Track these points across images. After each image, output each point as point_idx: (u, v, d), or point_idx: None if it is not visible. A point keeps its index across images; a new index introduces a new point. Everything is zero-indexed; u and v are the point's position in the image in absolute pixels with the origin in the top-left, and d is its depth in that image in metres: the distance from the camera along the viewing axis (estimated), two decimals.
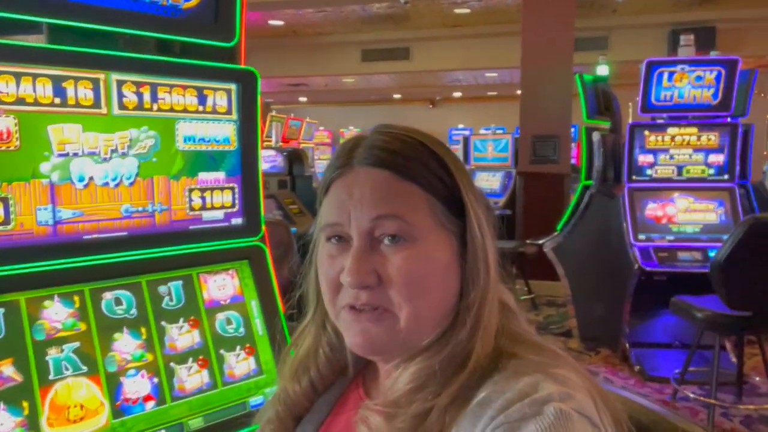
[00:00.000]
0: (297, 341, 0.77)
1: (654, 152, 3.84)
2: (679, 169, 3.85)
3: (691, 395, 3.21)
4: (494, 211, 0.69)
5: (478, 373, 0.58)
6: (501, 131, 12.59)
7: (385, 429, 0.58)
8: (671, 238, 3.71)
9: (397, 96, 15.00)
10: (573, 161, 6.50)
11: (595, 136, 3.78)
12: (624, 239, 3.69)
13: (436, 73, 11.15)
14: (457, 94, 14.61)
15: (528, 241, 4.96)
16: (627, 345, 3.76)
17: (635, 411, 0.66)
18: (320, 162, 14.66)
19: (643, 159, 3.83)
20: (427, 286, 0.62)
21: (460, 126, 13.98)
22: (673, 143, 3.84)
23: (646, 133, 3.83)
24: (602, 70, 4.29)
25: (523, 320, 0.66)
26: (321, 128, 14.40)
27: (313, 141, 12.78)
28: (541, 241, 4.19)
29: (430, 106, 15.59)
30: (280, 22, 8.96)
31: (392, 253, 0.62)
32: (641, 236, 3.68)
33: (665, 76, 3.81)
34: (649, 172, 3.84)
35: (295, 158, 6.28)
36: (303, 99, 15.28)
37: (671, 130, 3.86)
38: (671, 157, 3.85)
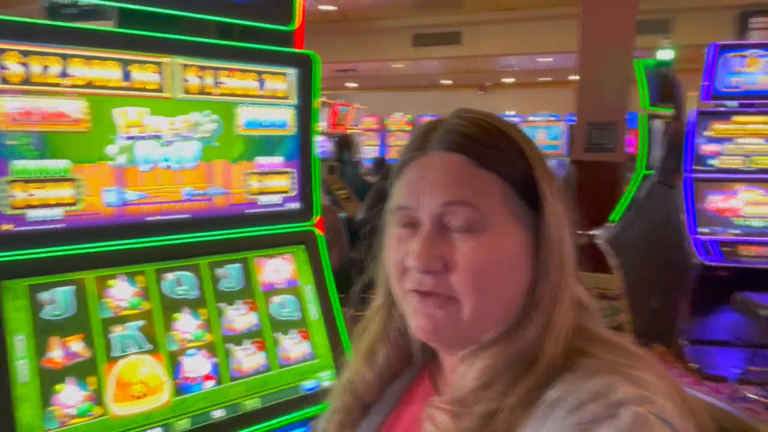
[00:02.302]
0: (367, 326, 0.76)
1: (719, 141, 3.65)
2: (746, 159, 3.64)
3: (752, 396, 3.07)
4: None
5: (548, 373, 0.56)
6: (554, 118, 12.28)
7: (451, 428, 0.57)
8: (735, 231, 3.52)
9: (446, 82, 14.81)
10: (628, 149, 6.26)
11: (657, 124, 3.62)
12: (683, 232, 3.53)
13: (487, 58, 10.94)
14: (509, 80, 14.30)
15: (579, 232, 4.82)
16: (683, 342, 3.62)
17: (721, 419, 0.62)
18: (367, 148, 14.67)
19: (707, 148, 3.65)
20: (494, 276, 0.60)
21: (511, 113, 13.70)
22: (741, 132, 3.63)
23: (712, 121, 3.64)
24: (666, 55, 4.08)
25: (600, 320, 0.63)
26: (368, 114, 14.39)
27: (360, 127, 12.79)
28: (593, 232, 4.06)
29: (480, 92, 15.33)
30: (331, 7, 8.96)
31: (461, 240, 0.60)
32: (703, 229, 3.51)
33: (734, 61, 3.60)
34: (713, 162, 3.66)
35: (345, 144, 6.32)
36: (352, 84, 15.29)
37: (739, 118, 3.65)
38: (738, 147, 3.65)
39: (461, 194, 0.60)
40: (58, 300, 1.03)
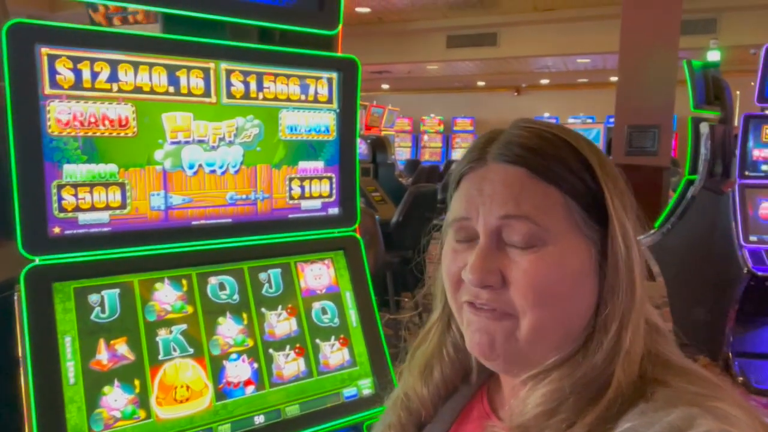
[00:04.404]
0: (423, 340, 0.74)
1: None
2: None
3: None
4: (645, 219, 0.63)
5: (618, 402, 0.52)
6: (591, 120, 12.04)
7: None
8: None
9: (481, 83, 14.68)
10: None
11: (704, 128, 3.49)
12: (732, 240, 3.40)
13: (523, 60, 10.79)
14: (545, 81, 14.08)
15: None
16: (730, 354, 3.49)
17: None
18: (400, 150, 14.68)
19: (759, 153, 3.50)
20: (555, 293, 0.57)
21: (546, 115, 13.50)
22: None
23: (764, 124, 3.50)
24: (713, 56, 3.94)
25: (675, 344, 0.59)
26: (402, 116, 14.38)
27: (393, 128, 12.80)
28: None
29: (515, 93, 15.14)
30: (366, 9, 8.98)
31: (519, 255, 0.57)
32: (753, 237, 3.37)
33: None
34: (764, 167, 3.51)
35: (379, 146, 6.31)
36: (385, 86, 15.31)
37: None
38: None
39: (520, 208, 0.57)
40: (105, 303, 1.04)
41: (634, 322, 0.56)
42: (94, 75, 1.03)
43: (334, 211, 1.36)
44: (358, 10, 8.94)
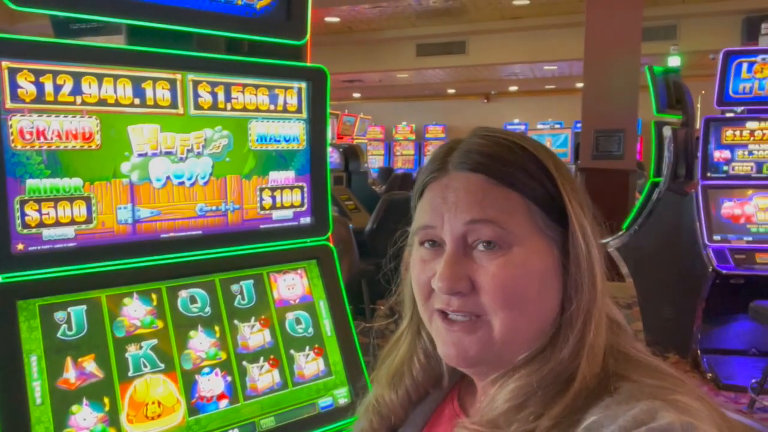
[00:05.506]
0: (393, 348, 0.75)
1: (731, 148, 3.63)
2: (759, 165, 3.62)
3: None
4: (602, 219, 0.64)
5: (584, 395, 0.54)
6: (559, 126, 12.27)
7: None
8: (749, 239, 3.49)
9: (451, 91, 14.83)
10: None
11: (666, 131, 3.59)
12: (697, 239, 3.50)
13: (492, 67, 10.93)
14: (513, 88, 14.29)
15: None
16: (698, 351, 3.58)
17: None
18: (373, 158, 14.71)
19: (719, 155, 3.63)
20: (523, 294, 0.58)
21: (516, 121, 13.70)
22: (752, 138, 3.61)
23: (724, 127, 3.62)
24: (674, 61, 4.07)
25: (634, 339, 0.61)
26: (374, 124, 14.43)
27: (366, 137, 12.83)
28: (604, 240, 4.02)
29: (485, 100, 15.32)
30: (335, 19, 9.01)
31: (486, 259, 0.59)
32: (716, 237, 3.48)
33: (744, 67, 3.58)
34: (725, 168, 3.63)
35: (351, 154, 6.32)
36: (357, 95, 15.35)
37: (750, 125, 3.63)
38: (750, 153, 3.62)
39: (485, 212, 0.59)
40: (72, 319, 1.02)
41: (596, 317, 0.58)
42: (57, 88, 1.01)
43: (306, 220, 1.36)
44: (328, 19, 8.95)
